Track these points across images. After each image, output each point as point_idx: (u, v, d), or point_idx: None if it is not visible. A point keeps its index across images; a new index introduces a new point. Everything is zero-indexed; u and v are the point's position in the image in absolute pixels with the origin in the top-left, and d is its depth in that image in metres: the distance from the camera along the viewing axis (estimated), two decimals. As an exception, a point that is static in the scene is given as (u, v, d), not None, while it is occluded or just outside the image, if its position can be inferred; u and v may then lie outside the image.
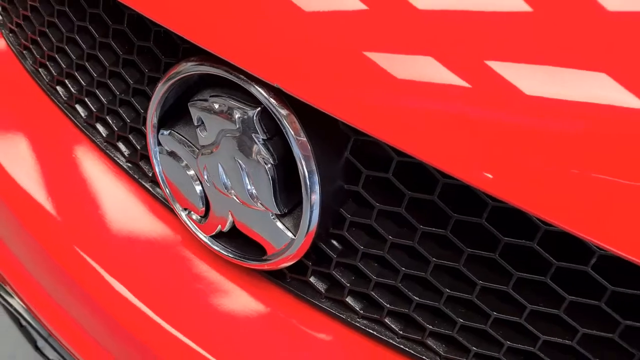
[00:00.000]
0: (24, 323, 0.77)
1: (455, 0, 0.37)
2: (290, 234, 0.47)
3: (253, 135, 0.44)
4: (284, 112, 0.42)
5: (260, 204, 0.46)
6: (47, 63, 0.68)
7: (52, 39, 0.66)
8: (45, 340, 0.76)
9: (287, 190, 0.46)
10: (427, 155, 0.36)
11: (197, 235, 0.54)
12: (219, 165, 0.48)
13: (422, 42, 0.37)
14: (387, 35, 0.37)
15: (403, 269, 0.45)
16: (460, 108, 0.35)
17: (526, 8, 0.36)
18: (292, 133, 0.42)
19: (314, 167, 0.43)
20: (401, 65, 0.37)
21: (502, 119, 0.34)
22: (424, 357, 0.46)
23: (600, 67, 0.33)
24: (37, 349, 0.85)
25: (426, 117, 0.36)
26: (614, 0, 0.35)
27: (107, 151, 0.63)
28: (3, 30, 0.78)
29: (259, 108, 0.43)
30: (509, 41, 0.35)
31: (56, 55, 0.66)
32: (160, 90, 0.50)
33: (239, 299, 0.53)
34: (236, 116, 0.45)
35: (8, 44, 0.77)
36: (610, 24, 0.35)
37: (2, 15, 0.78)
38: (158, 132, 0.53)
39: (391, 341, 0.48)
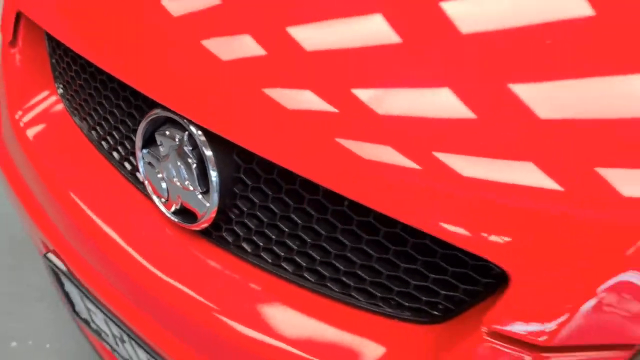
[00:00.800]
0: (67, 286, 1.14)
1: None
2: (207, 204, 0.83)
3: (185, 148, 0.81)
4: (199, 135, 0.79)
5: (191, 186, 0.83)
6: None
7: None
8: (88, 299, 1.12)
9: (204, 178, 0.82)
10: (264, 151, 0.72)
11: (164, 212, 0.90)
12: (170, 167, 0.85)
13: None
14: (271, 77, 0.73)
15: (266, 220, 0.80)
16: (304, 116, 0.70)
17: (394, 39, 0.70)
18: (203, 147, 0.79)
19: (214, 166, 0.79)
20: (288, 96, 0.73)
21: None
22: (281, 274, 0.81)
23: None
24: (74, 312, 1.22)
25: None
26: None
27: (120, 170, 1.02)
28: (61, 93, 1.17)
29: (187, 132, 0.80)
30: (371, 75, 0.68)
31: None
32: (142, 126, 0.88)
33: (183, 247, 0.89)
34: (177, 138, 0.82)
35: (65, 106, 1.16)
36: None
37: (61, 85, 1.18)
38: (142, 151, 0.90)
39: (268, 267, 0.83)
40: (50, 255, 1.11)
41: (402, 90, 0.70)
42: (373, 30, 0.74)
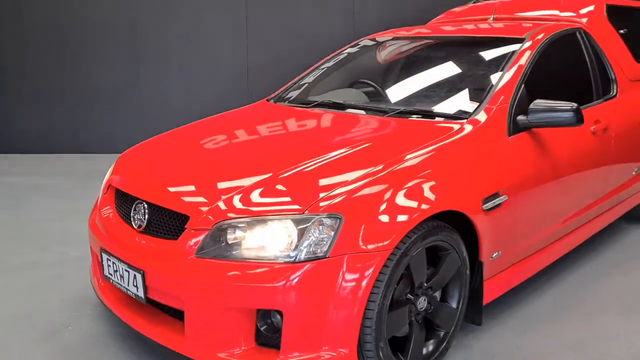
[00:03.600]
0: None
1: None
2: (144, 222, 1.63)
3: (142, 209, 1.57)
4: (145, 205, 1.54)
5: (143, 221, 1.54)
6: None
7: None
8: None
9: (144, 218, 1.57)
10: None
11: (136, 230, 1.56)
12: (138, 217, 1.55)
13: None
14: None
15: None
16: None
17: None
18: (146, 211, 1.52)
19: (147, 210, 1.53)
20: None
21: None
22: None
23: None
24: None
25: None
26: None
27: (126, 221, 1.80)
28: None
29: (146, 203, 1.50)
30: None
31: None
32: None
33: (135, 237, 1.76)
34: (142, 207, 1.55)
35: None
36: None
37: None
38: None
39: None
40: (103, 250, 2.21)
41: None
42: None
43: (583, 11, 3.53)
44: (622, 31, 3.60)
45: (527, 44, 2.92)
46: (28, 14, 6.13)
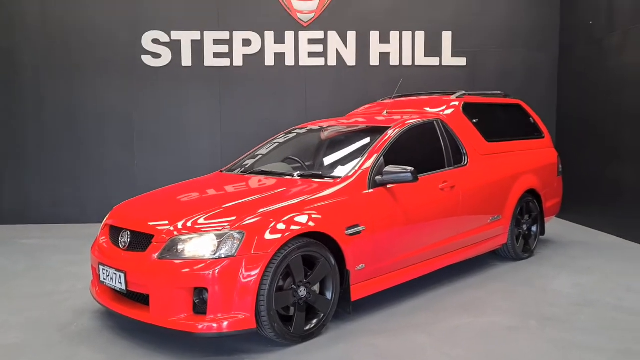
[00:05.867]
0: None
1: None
2: (127, 244, 3.23)
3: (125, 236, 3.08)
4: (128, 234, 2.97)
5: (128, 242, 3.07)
6: None
7: None
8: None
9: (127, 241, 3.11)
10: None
11: (122, 249, 3.01)
12: (123, 240, 2.97)
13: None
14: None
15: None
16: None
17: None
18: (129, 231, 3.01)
19: (129, 235, 3.22)
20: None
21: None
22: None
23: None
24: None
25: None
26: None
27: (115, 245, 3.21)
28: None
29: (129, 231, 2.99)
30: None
31: None
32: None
33: (121, 255, 3.32)
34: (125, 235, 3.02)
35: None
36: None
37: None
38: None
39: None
40: (100, 263, 3.45)
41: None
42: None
43: (445, 108, 5.05)
44: (474, 120, 5.08)
45: (390, 131, 4.37)
46: (50, 109, 7.65)
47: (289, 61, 7.71)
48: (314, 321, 3.58)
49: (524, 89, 7.64)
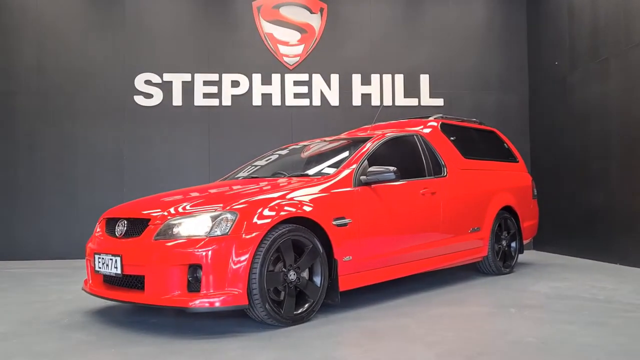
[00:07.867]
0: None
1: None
2: (123, 232, 3.31)
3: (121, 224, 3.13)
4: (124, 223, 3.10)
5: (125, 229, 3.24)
6: None
7: None
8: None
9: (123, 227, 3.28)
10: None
11: (117, 237, 3.23)
12: (119, 229, 3.17)
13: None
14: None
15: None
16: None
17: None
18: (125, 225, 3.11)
19: (126, 224, 3.28)
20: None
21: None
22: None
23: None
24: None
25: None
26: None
27: (111, 235, 3.30)
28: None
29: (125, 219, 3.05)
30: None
31: None
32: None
33: (116, 242, 3.46)
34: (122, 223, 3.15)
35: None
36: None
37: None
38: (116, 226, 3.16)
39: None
40: (96, 253, 3.59)
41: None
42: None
43: (423, 127, 5.39)
44: (452, 138, 5.41)
45: (372, 140, 4.68)
46: (40, 150, 7.86)
47: (276, 101, 8.11)
48: (305, 305, 3.70)
49: (498, 126, 8.04)
